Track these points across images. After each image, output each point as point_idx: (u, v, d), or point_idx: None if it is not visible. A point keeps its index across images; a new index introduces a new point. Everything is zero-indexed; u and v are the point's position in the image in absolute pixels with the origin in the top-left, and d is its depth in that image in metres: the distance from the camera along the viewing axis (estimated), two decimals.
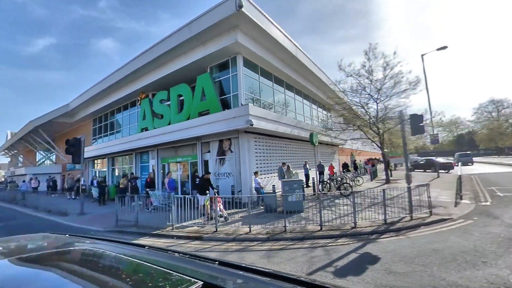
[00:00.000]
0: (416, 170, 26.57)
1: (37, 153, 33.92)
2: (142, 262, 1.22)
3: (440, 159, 28.85)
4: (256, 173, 10.14)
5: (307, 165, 15.41)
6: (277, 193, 9.97)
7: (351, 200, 7.41)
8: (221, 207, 8.57)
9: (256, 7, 10.32)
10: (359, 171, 21.35)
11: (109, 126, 20.94)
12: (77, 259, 1.38)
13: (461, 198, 10.15)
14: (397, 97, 15.16)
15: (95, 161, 22.74)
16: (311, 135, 11.02)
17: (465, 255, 4.52)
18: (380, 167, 26.11)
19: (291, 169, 11.89)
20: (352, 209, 7.04)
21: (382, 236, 6.08)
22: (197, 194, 9.12)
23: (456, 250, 4.75)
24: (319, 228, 6.74)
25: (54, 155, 30.49)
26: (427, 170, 25.29)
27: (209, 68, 12.79)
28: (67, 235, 1.91)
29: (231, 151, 11.70)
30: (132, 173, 15.89)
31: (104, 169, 21.20)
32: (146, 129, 15.65)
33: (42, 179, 23.95)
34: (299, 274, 3.92)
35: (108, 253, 1.38)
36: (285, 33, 12.53)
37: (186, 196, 8.43)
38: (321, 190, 13.34)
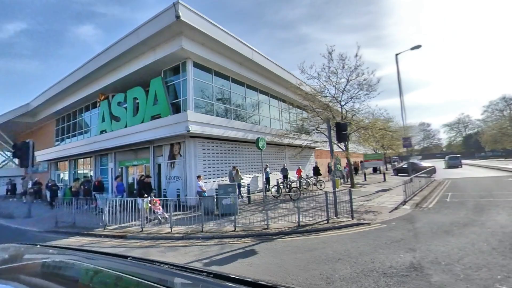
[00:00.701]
0: (399, 174, 28.20)
1: None
2: (123, 274, 1.22)
3: (424, 163, 30.68)
4: (199, 177, 11.59)
5: (268, 169, 16.90)
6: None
7: (295, 204, 8.93)
8: (160, 209, 10.02)
9: (200, 15, 11.76)
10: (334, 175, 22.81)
11: (72, 127, 22.26)
12: (42, 271, 1.40)
13: (404, 203, 11.64)
14: (358, 100, 16.75)
15: (58, 164, 24.08)
16: (257, 139, 12.46)
17: (332, 255, 5.95)
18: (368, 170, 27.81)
19: (239, 173, 13.35)
20: (286, 211, 8.52)
21: (284, 237, 7.52)
22: (137, 197, 10.55)
23: (329, 251, 6.17)
24: (233, 229, 8.21)
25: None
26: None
27: (163, 71, 14.20)
28: (38, 246, 1.94)
29: (180, 155, 13.14)
30: (85, 176, 17.31)
31: (66, 172, 22.54)
32: (106, 131, 17.05)
33: (2, 183, 25.27)
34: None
35: (86, 266, 1.40)
36: (237, 37, 14.00)
37: (128, 199, 9.86)
38: (275, 195, 14.87)
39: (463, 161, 50.85)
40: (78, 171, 21.30)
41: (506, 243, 5.53)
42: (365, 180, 22.31)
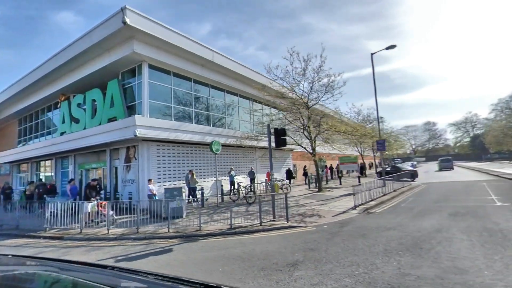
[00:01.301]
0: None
1: None
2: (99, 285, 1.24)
3: (407, 166, 32.20)
4: (149, 180, 12.73)
5: (233, 172, 18.07)
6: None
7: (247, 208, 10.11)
8: (106, 212, 11.15)
9: (151, 19, 12.89)
10: (309, 178, 24.06)
11: (35, 128, 23.25)
12: (14, 285, 1.42)
13: (354, 208, 12.85)
14: (322, 102, 18.01)
15: (21, 166, 25.11)
16: (211, 143, 13.67)
17: (235, 254, 7.15)
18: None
19: (194, 176, 14.52)
20: (234, 215, 9.70)
21: (211, 238, 8.66)
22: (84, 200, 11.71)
23: (237, 251, 7.35)
24: (167, 230, 9.37)
25: None
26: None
27: (121, 74, 15.28)
28: (9, 256, 1.97)
29: (135, 159, 14.29)
30: (40, 179, 18.46)
31: (28, 174, 23.58)
32: (65, 133, 18.13)
33: None
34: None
35: (62, 277, 1.43)
36: (194, 39, 15.16)
37: (72, 202, 10.99)
38: (233, 198, 16.12)
39: (468, 164, 52.45)
40: (41, 174, 22.35)
41: (402, 246, 6.65)
42: (340, 183, 23.55)
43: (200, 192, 14.04)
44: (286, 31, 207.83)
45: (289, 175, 22.57)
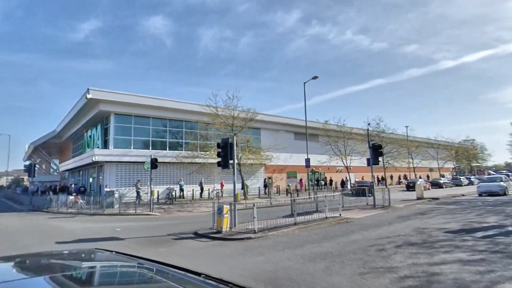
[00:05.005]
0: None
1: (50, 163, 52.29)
2: None
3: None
4: (106, 186, 21.90)
5: (182, 182, 26.28)
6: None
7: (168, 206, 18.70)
8: (79, 202, 20.62)
9: (109, 91, 22.21)
10: (268, 188, 30.61)
11: (78, 148, 35.37)
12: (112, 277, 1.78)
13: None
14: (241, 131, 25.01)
15: (73, 172, 37.60)
16: (145, 163, 22.32)
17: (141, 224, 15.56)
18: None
19: (138, 184, 23.19)
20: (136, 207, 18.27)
21: (127, 216, 17.20)
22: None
23: (140, 219, 15.78)
24: (102, 212, 18.22)
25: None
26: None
27: (105, 118, 25.12)
28: (113, 253, 2.29)
29: (103, 173, 23.82)
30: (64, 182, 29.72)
31: None
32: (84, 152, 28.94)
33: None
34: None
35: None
36: (146, 95, 24.15)
37: (65, 195, 20.82)
38: (166, 201, 24.34)
39: None
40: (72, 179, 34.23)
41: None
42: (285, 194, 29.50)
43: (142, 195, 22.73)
44: (394, 5, 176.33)
45: (242, 186, 29.51)
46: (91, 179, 28.93)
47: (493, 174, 37.94)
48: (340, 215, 13.43)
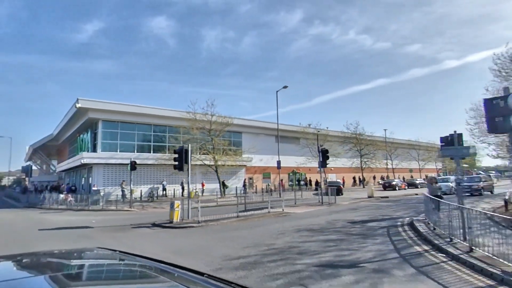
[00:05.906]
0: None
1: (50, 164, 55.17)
2: None
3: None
4: (94, 185, 24.46)
5: (165, 182, 28.81)
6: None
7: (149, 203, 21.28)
8: (69, 199, 23.22)
9: (97, 100, 24.78)
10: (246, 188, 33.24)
11: (73, 150, 38.04)
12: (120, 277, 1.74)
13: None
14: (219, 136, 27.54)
15: (69, 173, 40.30)
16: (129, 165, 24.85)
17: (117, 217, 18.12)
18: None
19: (123, 184, 25.73)
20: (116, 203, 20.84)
21: (109, 211, 19.75)
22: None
23: (120, 213, 18.34)
24: (88, 208, 20.79)
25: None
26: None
27: (94, 124, 27.72)
28: (116, 251, 2.32)
29: (91, 174, 26.41)
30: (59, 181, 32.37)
31: None
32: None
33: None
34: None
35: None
36: (132, 104, 26.69)
37: (58, 193, 23.44)
38: (148, 199, 26.89)
39: None
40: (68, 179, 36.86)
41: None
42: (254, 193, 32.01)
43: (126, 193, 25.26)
44: (397, 5, 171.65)
45: (223, 185, 31.99)
46: (82, 180, 31.56)
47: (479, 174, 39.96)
48: (282, 210, 15.80)
